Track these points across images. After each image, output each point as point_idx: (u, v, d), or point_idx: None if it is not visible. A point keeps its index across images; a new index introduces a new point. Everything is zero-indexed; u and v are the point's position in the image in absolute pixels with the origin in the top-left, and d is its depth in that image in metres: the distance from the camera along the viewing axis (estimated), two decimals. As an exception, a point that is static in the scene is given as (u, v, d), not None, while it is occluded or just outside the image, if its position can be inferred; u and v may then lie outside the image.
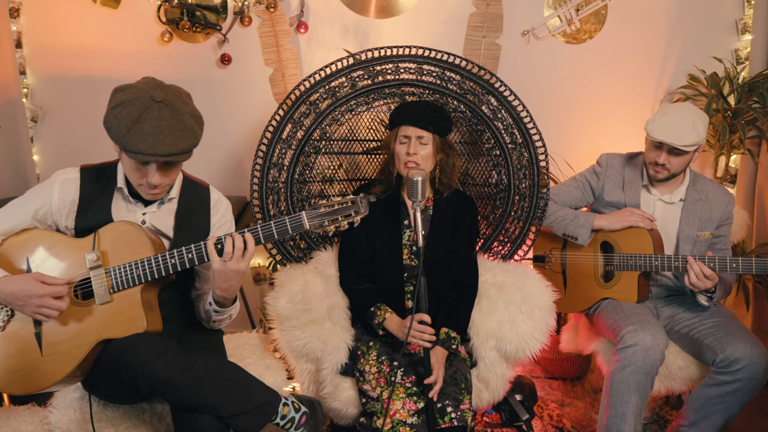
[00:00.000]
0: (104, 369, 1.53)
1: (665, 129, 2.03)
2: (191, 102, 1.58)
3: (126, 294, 1.55)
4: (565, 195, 2.32)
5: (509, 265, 2.13)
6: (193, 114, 1.54)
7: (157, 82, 1.54)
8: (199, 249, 1.57)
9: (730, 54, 2.76)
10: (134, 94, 1.48)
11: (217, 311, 1.69)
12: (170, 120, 1.48)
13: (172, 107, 1.49)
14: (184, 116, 1.50)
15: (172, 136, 1.47)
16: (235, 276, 1.57)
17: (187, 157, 1.54)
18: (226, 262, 1.53)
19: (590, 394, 2.63)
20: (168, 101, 1.49)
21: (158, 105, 1.48)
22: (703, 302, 2.07)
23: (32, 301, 1.48)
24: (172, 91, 1.53)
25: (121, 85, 1.52)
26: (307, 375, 1.99)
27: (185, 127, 1.50)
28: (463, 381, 1.81)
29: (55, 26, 2.79)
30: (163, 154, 1.46)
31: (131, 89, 1.50)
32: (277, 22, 2.75)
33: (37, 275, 1.51)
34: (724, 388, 1.89)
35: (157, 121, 1.46)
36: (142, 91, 1.49)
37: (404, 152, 1.93)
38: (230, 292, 1.63)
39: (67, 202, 1.62)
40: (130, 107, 1.46)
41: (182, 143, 1.49)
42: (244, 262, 1.55)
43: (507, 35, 2.77)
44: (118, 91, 1.51)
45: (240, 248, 1.54)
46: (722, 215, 2.15)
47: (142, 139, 1.45)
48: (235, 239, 1.54)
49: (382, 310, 1.93)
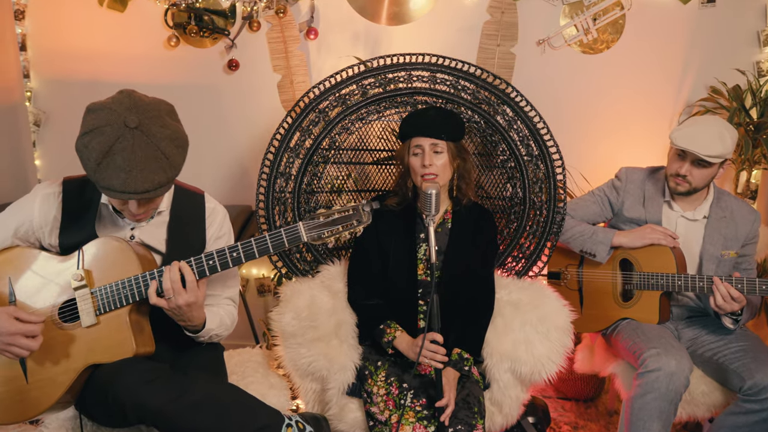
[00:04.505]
0: (93, 395, 1.44)
1: (690, 138, 1.96)
2: (173, 120, 1.42)
3: (113, 315, 1.46)
4: (582, 210, 2.24)
5: (525, 283, 2.05)
6: (173, 138, 1.38)
7: (133, 99, 1.37)
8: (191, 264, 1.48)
9: (752, 66, 2.68)
10: (106, 119, 1.33)
11: (193, 336, 1.59)
12: (145, 149, 1.33)
13: (149, 134, 1.34)
14: (162, 143, 1.35)
15: (147, 170, 1.33)
16: (187, 311, 1.46)
17: (166, 190, 1.41)
18: (170, 299, 1.43)
19: (605, 417, 2.53)
20: (143, 126, 1.34)
21: (132, 132, 1.33)
22: (729, 325, 1.97)
23: (1, 338, 1.36)
24: (149, 112, 1.36)
25: (94, 104, 1.37)
26: (312, 395, 1.91)
27: (163, 157, 1.35)
28: (476, 404, 1.72)
29: (61, 29, 2.74)
30: (137, 192, 1.33)
31: (104, 111, 1.34)
32: (287, 27, 2.70)
33: (11, 310, 1.39)
34: (752, 417, 1.80)
35: (130, 153, 1.31)
36: (114, 114, 1.33)
37: (419, 164, 1.85)
38: (193, 322, 1.52)
39: (49, 219, 1.52)
40: (100, 136, 1.32)
41: (158, 177, 1.35)
42: (186, 296, 1.44)
43: (522, 44, 2.70)
44: (90, 112, 1.36)
45: (176, 280, 1.43)
46: (748, 233, 2.06)
47: (113, 174, 1.31)
48: (171, 271, 1.43)
49: (392, 328, 1.85)
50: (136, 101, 1.38)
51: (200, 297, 1.49)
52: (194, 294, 1.45)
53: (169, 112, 1.43)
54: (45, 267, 1.50)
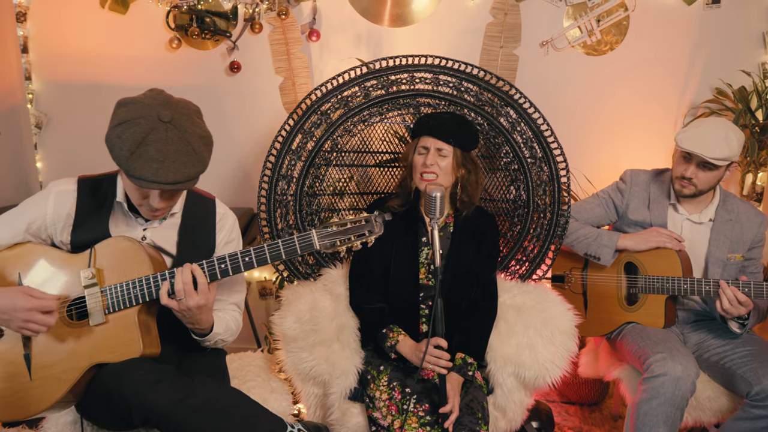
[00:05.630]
0: (96, 395, 1.43)
1: (696, 140, 1.93)
2: (201, 120, 1.46)
3: (122, 315, 1.46)
4: (586, 212, 2.22)
5: (528, 286, 2.02)
6: (202, 135, 1.42)
7: (165, 96, 1.42)
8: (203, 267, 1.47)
9: (757, 68, 2.66)
10: (140, 112, 1.36)
11: (199, 339, 1.59)
12: (177, 143, 1.36)
13: (181, 128, 1.37)
14: (192, 139, 1.39)
15: (178, 162, 1.35)
16: (197, 313, 1.47)
17: (193, 184, 1.43)
18: (180, 301, 1.43)
19: (609, 421, 2.50)
20: (176, 121, 1.37)
21: (165, 126, 1.36)
22: (735, 329, 1.95)
23: (18, 315, 1.37)
24: (180, 109, 1.40)
25: (126, 99, 1.40)
26: (314, 399, 1.89)
27: (193, 152, 1.38)
28: (480, 410, 1.70)
29: (62, 31, 2.74)
30: (168, 182, 1.35)
31: (137, 105, 1.37)
32: (289, 29, 2.69)
33: (25, 289, 1.41)
34: (760, 423, 1.77)
35: (163, 145, 1.34)
36: (148, 108, 1.36)
37: (421, 162, 1.83)
38: (201, 325, 1.53)
39: (62, 216, 1.52)
40: (134, 127, 1.34)
41: (188, 170, 1.38)
42: (197, 298, 1.44)
43: (525, 46, 2.69)
44: (122, 105, 1.39)
45: (188, 282, 1.43)
46: (754, 237, 2.04)
47: (145, 165, 1.33)
48: (183, 273, 1.43)
49: (394, 332, 1.83)
50: (168, 98, 1.42)
51: (210, 300, 1.49)
52: (205, 296, 1.46)
53: (197, 113, 1.46)
54: (55, 264, 1.50)
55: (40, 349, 1.45)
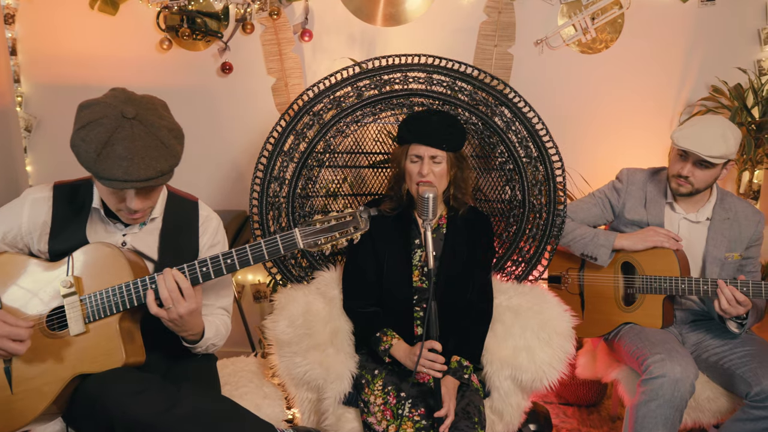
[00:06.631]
0: (80, 407, 1.39)
1: (692, 138, 1.92)
2: (168, 114, 1.42)
3: (103, 324, 1.42)
4: (583, 212, 2.19)
5: (525, 287, 2.00)
6: (170, 128, 1.38)
7: (127, 94, 1.38)
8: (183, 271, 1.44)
9: (753, 65, 2.64)
10: (102, 111, 1.32)
11: (191, 346, 1.55)
12: (145, 138, 1.32)
13: (147, 123, 1.34)
14: (160, 132, 1.35)
15: (148, 158, 1.31)
16: (188, 319, 1.43)
17: (168, 179, 1.39)
18: (170, 309, 1.39)
19: (608, 423, 2.48)
20: (141, 117, 1.33)
21: (130, 122, 1.32)
22: (734, 329, 1.93)
23: None
24: (144, 104, 1.36)
25: (87, 101, 1.36)
26: (308, 404, 1.86)
27: (163, 145, 1.34)
28: (476, 414, 1.67)
29: (51, 33, 2.70)
30: (141, 179, 1.31)
31: (98, 105, 1.33)
32: (281, 29, 2.66)
33: (0, 314, 1.36)
34: (760, 424, 1.75)
35: (130, 142, 1.30)
36: (110, 107, 1.32)
37: (416, 172, 1.79)
38: (193, 331, 1.49)
39: (38, 224, 1.48)
40: (98, 127, 1.30)
41: (160, 164, 1.34)
42: (185, 304, 1.40)
43: (519, 44, 2.66)
44: (84, 108, 1.35)
45: (175, 290, 1.40)
46: (752, 235, 2.02)
47: (114, 164, 1.29)
48: (166, 281, 1.39)
49: (388, 336, 1.80)
50: (130, 95, 1.38)
51: (199, 303, 1.46)
52: (194, 301, 1.43)
53: (163, 106, 1.43)
54: (33, 273, 1.46)
55: (21, 363, 1.41)
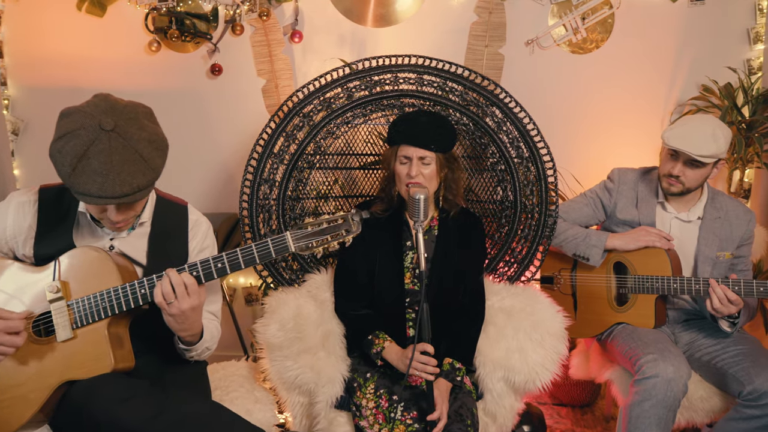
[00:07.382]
0: (67, 414, 1.37)
1: (683, 137, 1.92)
2: (151, 122, 1.38)
3: (91, 329, 1.39)
4: (574, 212, 2.19)
5: (517, 288, 1.99)
6: (152, 140, 1.34)
7: (109, 102, 1.33)
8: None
9: (742, 64, 2.65)
10: (80, 122, 1.28)
11: (187, 349, 1.54)
12: (122, 153, 1.28)
13: (126, 136, 1.29)
14: (139, 145, 1.31)
15: (124, 173, 1.28)
16: (191, 315, 1.41)
17: (146, 194, 1.36)
18: (171, 304, 1.38)
19: (601, 423, 2.48)
20: (120, 128, 1.29)
21: (108, 135, 1.28)
22: (726, 328, 1.93)
23: None
24: (126, 114, 1.32)
25: (68, 108, 1.32)
26: (300, 408, 1.84)
27: (141, 159, 1.30)
28: (469, 416, 1.66)
29: (38, 35, 2.67)
30: (115, 196, 1.28)
31: (78, 115, 1.29)
32: (270, 31, 2.64)
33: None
34: (753, 422, 1.75)
35: (106, 156, 1.26)
36: (89, 117, 1.28)
37: (405, 173, 1.78)
38: (193, 330, 1.48)
39: (23, 228, 1.46)
40: (75, 140, 1.26)
41: (137, 180, 1.30)
42: (191, 299, 1.39)
43: (510, 45, 2.66)
44: (64, 116, 1.31)
45: (180, 284, 1.38)
46: (743, 234, 2.02)
47: (89, 180, 1.25)
48: (171, 276, 1.38)
49: (380, 339, 1.78)
50: (112, 104, 1.33)
51: (203, 299, 1.45)
52: (198, 297, 1.41)
53: (147, 115, 1.38)
54: (19, 278, 1.44)
55: (6, 369, 1.39)
